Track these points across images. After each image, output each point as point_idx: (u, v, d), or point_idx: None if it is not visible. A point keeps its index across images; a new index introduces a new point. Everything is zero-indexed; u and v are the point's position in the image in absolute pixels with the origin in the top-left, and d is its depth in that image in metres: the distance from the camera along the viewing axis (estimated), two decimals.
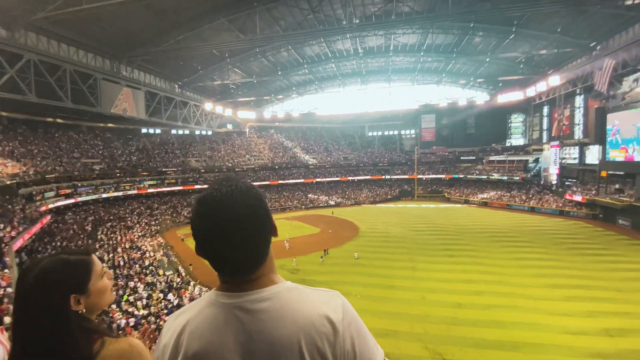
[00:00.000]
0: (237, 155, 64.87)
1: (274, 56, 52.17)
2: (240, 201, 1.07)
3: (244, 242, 1.06)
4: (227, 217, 1.04)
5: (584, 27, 39.02)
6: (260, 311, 1.04)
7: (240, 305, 1.06)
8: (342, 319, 1.05)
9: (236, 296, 1.08)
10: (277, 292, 1.08)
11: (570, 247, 29.57)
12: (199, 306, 1.12)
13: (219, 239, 1.05)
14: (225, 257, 1.07)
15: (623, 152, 36.59)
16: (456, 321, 17.08)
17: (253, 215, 1.08)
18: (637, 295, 19.14)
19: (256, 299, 1.07)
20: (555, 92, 49.16)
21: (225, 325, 1.04)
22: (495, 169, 61.22)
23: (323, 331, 1.02)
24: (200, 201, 1.09)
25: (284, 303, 1.06)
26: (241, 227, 1.05)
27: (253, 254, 1.09)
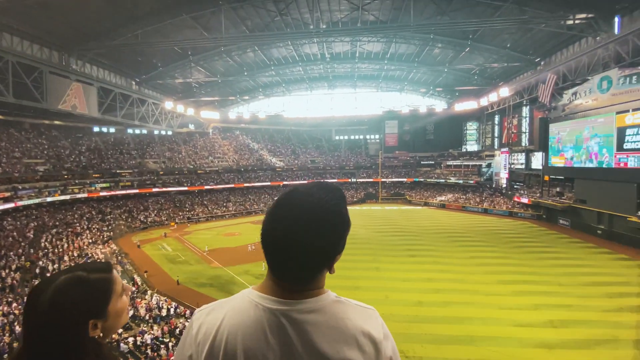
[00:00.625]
0: (199, 156, 62.51)
1: (239, 56, 51.21)
2: (326, 213, 1.05)
3: (316, 256, 1.04)
4: (308, 228, 1.02)
5: (530, 44, 42.86)
6: (307, 322, 1.02)
7: (287, 314, 1.03)
8: (383, 338, 1.07)
9: (284, 303, 1.05)
10: (324, 305, 1.07)
11: (518, 245, 32.04)
12: (237, 305, 1.07)
13: (293, 247, 1.02)
14: (292, 265, 1.04)
15: (563, 158, 40.47)
16: (417, 319, 17.76)
17: (333, 231, 1.06)
18: (577, 288, 21.18)
19: (304, 309, 1.04)
20: (505, 103, 53.30)
21: (270, 331, 1.01)
22: (452, 173, 64.82)
23: (366, 350, 1.02)
24: (283, 202, 1.08)
25: (330, 316, 1.05)
26: (320, 241, 1.03)
27: (318, 267, 1.07)
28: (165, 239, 38.86)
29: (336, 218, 1.07)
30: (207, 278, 25.35)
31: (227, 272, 26.15)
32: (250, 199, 59.94)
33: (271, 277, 1.09)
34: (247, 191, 62.15)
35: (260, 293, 1.07)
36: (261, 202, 59.38)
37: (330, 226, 1.05)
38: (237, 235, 38.90)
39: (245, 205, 57.55)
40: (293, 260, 1.03)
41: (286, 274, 1.06)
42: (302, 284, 1.07)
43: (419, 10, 36.16)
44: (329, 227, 1.05)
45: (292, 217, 1.04)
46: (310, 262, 1.04)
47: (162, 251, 33.91)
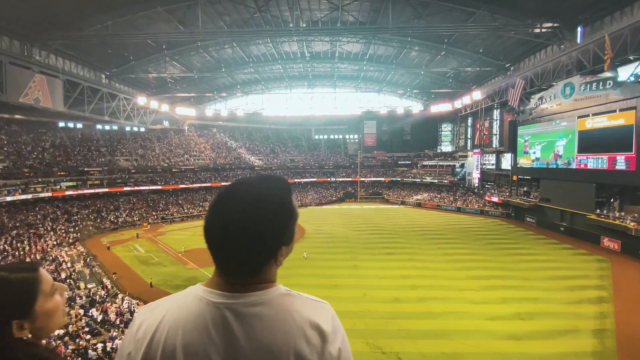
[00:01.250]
0: (174, 154, 60.60)
1: (217, 52, 50.10)
2: (266, 202, 1.04)
3: (257, 248, 1.02)
4: (246, 217, 1.00)
5: (501, 50, 44.85)
6: (252, 316, 1.00)
7: (231, 307, 1.01)
8: (332, 331, 1.04)
9: (229, 296, 1.02)
10: (271, 298, 1.04)
11: (489, 242, 33.50)
12: (180, 300, 1.05)
13: (231, 237, 1.00)
14: (233, 257, 1.02)
15: (529, 159, 42.69)
16: (394, 315, 18.17)
17: (274, 221, 1.03)
18: (541, 282, 22.44)
19: (249, 302, 1.02)
20: (478, 106, 55.46)
21: (213, 326, 0.99)
22: (427, 172, 66.70)
23: (313, 342, 1.00)
24: (224, 194, 1.06)
25: (277, 310, 1.03)
26: (258, 230, 1.01)
27: (261, 259, 1.05)
28: (138, 240, 37.41)
29: (276, 207, 1.05)
30: (182, 280, 24.67)
31: (204, 273, 25.56)
32: None
33: (217, 272, 1.07)
34: None
35: (207, 287, 1.05)
36: None
37: (270, 216, 1.03)
38: None
39: None
40: (234, 253, 1.01)
41: (229, 267, 1.04)
42: (246, 277, 1.05)
43: (397, 13, 36.88)
44: (268, 217, 1.02)
45: (231, 208, 1.02)
46: (251, 254, 1.01)
47: (134, 253, 32.62)
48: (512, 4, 34.00)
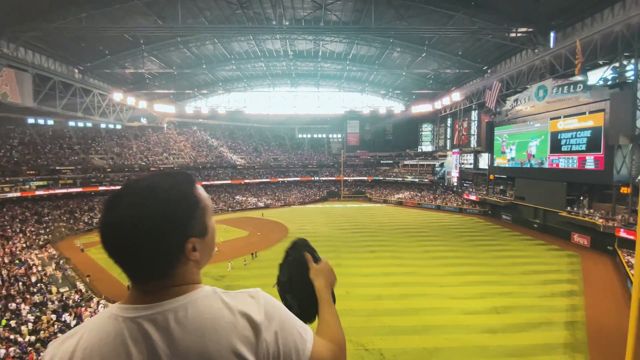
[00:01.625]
0: (152, 152, 58.87)
1: (198, 48, 49.08)
2: (158, 194, 0.94)
3: (156, 244, 0.92)
4: (137, 211, 0.91)
5: (479, 53, 46.28)
6: (175, 322, 0.92)
7: (150, 318, 0.92)
8: (263, 318, 0.97)
9: (145, 308, 0.93)
10: (193, 301, 0.96)
11: (467, 239, 34.52)
12: (94, 324, 0.95)
13: (124, 236, 0.91)
14: (131, 258, 0.93)
15: (505, 159, 44.27)
16: (376, 312, 18.42)
17: (167, 212, 0.93)
18: (516, 277, 23.35)
19: (169, 309, 0.93)
20: (457, 107, 56.99)
21: (133, 342, 0.89)
22: (408, 172, 67.93)
23: (246, 335, 0.94)
24: (114, 193, 0.96)
25: (201, 312, 0.94)
26: (151, 224, 0.91)
27: (164, 257, 0.95)
28: None
29: (171, 198, 0.95)
30: None
31: None
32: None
33: (131, 284, 0.99)
34: (206, 190, 56.88)
35: (122, 305, 0.97)
36: (220, 201, 57.55)
37: (164, 207, 0.93)
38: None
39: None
40: (132, 253, 0.92)
41: (134, 271, 0.96)
42: (156, 279, 0.96)
43: (380, 14, 37.31)
44: (161, 209, 0.93)
45: (121, 205, 0.93)
46: (149, 251, 0.92)
47: None
48: (490, 8, 35.14)
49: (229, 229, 40.29)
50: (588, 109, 30.84)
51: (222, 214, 53.24)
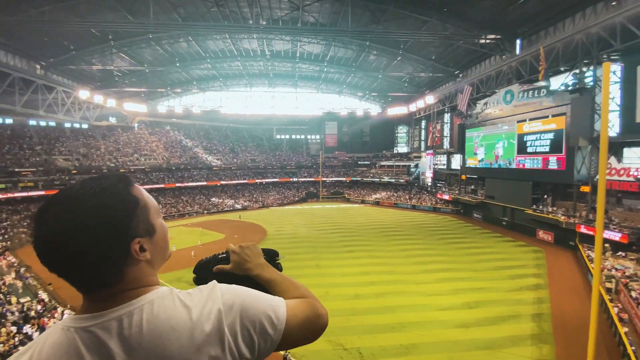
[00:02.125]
0: (122, 153, 56.32)
1: (171, 45, 47.55)
2: (86, 204, 0.88)
3: (93, 245, 0.86)
4: (67, 225, 0.85)
5: (451, 58, 47.97)
6: (129, 328, 0.87)
7: (103, 326, 0.87)
8: (222, 310, 0.92)
9: (97, 316, 0.88)
10: (148, 303, 0.91)
11: (441, 237, 35.61)
12: (47, 340, 0.88)
13: (59, 252, 0.85)
14: (73, 266, 0.87)
15: (476, 160, 46.12)
16: (354, 311, 18.57)
17: (104, 213, 0.88)
18: (487, 273, 24.33)
19: (123, 315, 0.88)
20: (430, 109, 58.76)
21: (87, 353, 0.84)
22: (385, 172, 69.23)
23: (213, 330, 0.90)
24: (45, 202, 0.90)
25: (157, 314, 0.89)
26: (86, 237, 0.85)
27: (108, 260, 0.89)
28: None
29: (106, 199, 0.90)
30: None
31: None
32: (183, 201, 56.00)
33: (83, 295, 0.94)
34: (180, 192, 57.96)
35: (74, 316, 0.92)
36: (195, 204, 55.96)
37: (99, 209, 0.88)
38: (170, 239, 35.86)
39: (178, 207, 53.60)
40: (75, 266, 0.87)
41: (83, 284, 0.91)
42: (106, 287, 0.92)
43: (356, 17, 37.80)
44: (93, 214, 0.87)
45: (50, 217, 0.87)
46: (90, 255, 0.86)
47: None
48: (461, 15, 36.52)
49: (206, 232, 39.27)
50: (551, 112, 32.76)
51: (197, 216, 51.79)
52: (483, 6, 34.09)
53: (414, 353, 14.71)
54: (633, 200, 27.02)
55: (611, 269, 21.51)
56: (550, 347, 15.00)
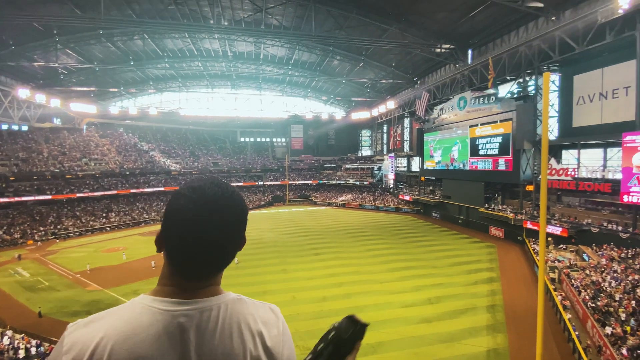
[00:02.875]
0: (68, 158, 51.73)
1: (124, 43, 44.77)
2: (234, 200, 1.06)
3: (223, 242, 1.02)
4: (224, 212, 1.02)
5: (410, 65, 50.23)
6: (207, 321, 0.97)
7: (187, 314, 0.96)
8: (282, 333, 1.08)
9: (183, 303, 0.98)
10: (224, 302, 1.03)
11: (403, 237, 36.96)
12: (124, 312, 0.95)
13: (202, 233, 0.98)
14: (197, 253, 0.99)
15: (433, 162, 48.59)
16: (322, 314, 18.62)
17: (241, 217, 1.06)
18: (446, 269, 25.63)
19: (205, 308, 0.99)
20: (392, 114, 61.01)
21: (167, 335, 0.92)
22: (350, 175, 70.58)
23: (266, 344, 1.02)
24: (194, 189, 1.02)
25: (230, 315, 1.01)
26: (231, 226, 1.03)
27: (225, 256, 1.04)
28: (21, 262, 30.79)
29: (244, 206, 1.10)
30: (81, 305, 21.14)
31: (110, 295, 22.37)
32: (138, 208, 52.68)
33: (169, 279, 1.02)
34: (135, 198, 54.47)
35: (155, 297, 0.99)
36: (153, 211, 52.90)
37: (243, 214, 1.08)
38: (122, 250, 33.57)
39: (133, 214, 50.29)
40: (211, 249, 1.00)
41: (197, 266, 1.01)
42: (209, 278, 1.04)
43: (320, 22, 38.28)
44: (242, 215, 1.07)
45: (209, 203, 1.00)
46: (226, 250, 1.04)
47: (16, 278, 26.76)
48: (418, 25, 38.44)
49: None
50: (499, 118, 35.47)
51: (155, 224, 48.96)
52: (438, 17, 36.18)
53: (380, 351, 15.06)
54: (571, 198, 30.04)
55: (554, 260, 23.72)
56: (503, 336, 16.14)
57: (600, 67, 27.43)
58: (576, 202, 29.56)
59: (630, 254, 21.63)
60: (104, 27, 37.37)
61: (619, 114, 25.89)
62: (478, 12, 33.02)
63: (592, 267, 21.23)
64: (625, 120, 24.61)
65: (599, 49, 25.64)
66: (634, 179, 22.57)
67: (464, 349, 15.05)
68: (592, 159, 28.92)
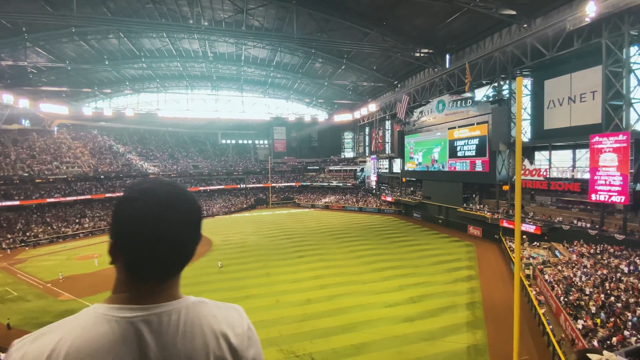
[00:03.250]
0: (38, 161, 49.23)
1: (98, 41, 43.20)
2: (187, 197, 1.03)
3: (182, 239, 1.00)
4: (179, 209, 0.99)
5: (391, 69, 51.12)
6: (167, 325, 0.94)
7: (146, 319, 0.93)
8: (247, 335, 1.07)
9: (141, 309, 0.94)
10: (185, 306, 1.00)
11: (385, 237, 37.44)
12: (77, 322, 0.90)
13: (160, 232, 0.95)
14: (157, 252, 0.96)
15: (414, 164, 49.58)
16: (306, 317, 18.56)
17: (196, 214, 1.04)
18: (427, 268, 26.14)
19: (165, 312, 0.96)
20: (373, 117, 61.83)
21: (125, 342, 0.88)
22: (334, 177, 70.90)
23: (231, 346, 1.01)
24: (144, 190, 0.99)
25: (192, 317, 0.99)
26: (187, 223, 1.01)
27: (184, 254, 1.02)
28: None
29: (198, 205, 1.08)
30: (53, 316, 20.09)
31: (84, 304, 21.36)
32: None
33: (124, 286, 0.98)
34: (111, 203, 52.34)
35: (111, 305, 0.94)
36: None
37: (198, 211, 1.06)
38: (97, 257, 32.22)
39: (108, 219, 48.28)
40: (169, 248, 0.98)
41: (155, 267, 0.98)
42: (167, 281, 1.01)
43: (302, 24, 38.32)
44: (197, 213, 1.05)
45: (162, 201, 0.98)
46: (185, 249, 1.02)
47: None
48: (398, 30, 39.22)
49: None
50: (476, 120, 36.64)
51: None
52: (417, 23, 37.04)
53: (364, 352, 15.15)
54: (543, 197, 31.38)
55: (529, 257, 24.68)
56: (482, 332, 16.61)
57: (569, 73, 28.90)
58: (548, 201, 30.91)
59: (598, 249, 22.82)
60: (76, 25, 35.91)
61: (586, 117, 27.32)
62: (455, 18, 34.06)
63: (563, 263, 22.24)
64: (592, 123, 25.99)
65: (567, 55, 26.98)
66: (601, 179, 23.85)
67: (445, 346, 15.37)
68: (563, 160, 30.36)
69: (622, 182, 22.40)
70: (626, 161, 22.18)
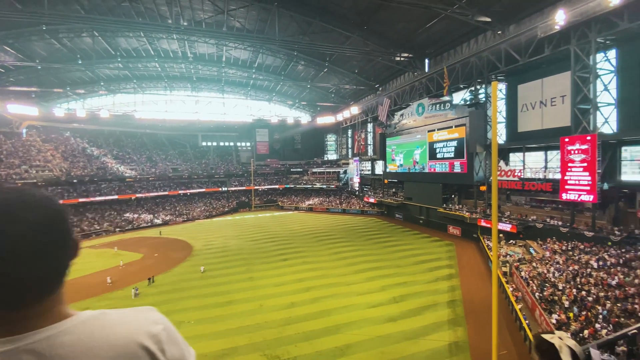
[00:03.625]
0: (5, 165, 46.62)
1: (71, 40, 41.53)
2: (32, 204, 0.84)
3: (32, 255, 0.80)
4: (16, 220, 0.80)
5: (372, 72, 51.84)
6: (61, 348, 0.79)
7: (30, 348, 0.78)
8: (160, 340, 0.92)
9: (21, 338, 0.78)
10: (80, 323, 0.85)
11: (368, 238, 37.78)
12: None
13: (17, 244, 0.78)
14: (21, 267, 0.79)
15: (396, 165, 50.39)
16: (290, 320, 18.40)
17: (48, 225, 0.85)
18: (409, 268, 26.56)
19: (52, 336, 0.81)
20: (356, 119, 62.45)
21: None
22: (317, 179, 70.97)
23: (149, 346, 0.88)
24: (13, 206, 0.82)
25: (91, 333, 0.84)
26: (32, 235, 0.81)
27: (43, 272, 0.82)
28: None
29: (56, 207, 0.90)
30: None
31: None
32: (88, 218, 48.76)
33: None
34: (85, 208, 50.35)
35: None
36: (105, 221, 49.24)
37: (55, 225, 0.87)
38: None
39: (82, 225, 46.41)
40: (16, 273, 0.79)
41: (22, 289, 0.81)
42: (43, 302, 0.84)
43: (283, 26, 38.28)
44: (51, 227, 0.86)
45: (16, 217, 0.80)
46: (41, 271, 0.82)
47: None
48: (379, 34, 39.85)
49: (120, 253, 34.82)
50: (454, 123, 37.68)
51: (107, 235, 45.60)
52: (397, 27, 37.79)
53: (348, 353, 15.18)
54: (518, 196, 32.60)
55: (505, 255, 25.53)
56: (463, 329, 17.01)
57: (541, 78, 30.25)
58: (523, 200, 32.15)
59: (569, 246, 23.91)
60: (47, 22, 34.37)
61: (557, 120, 28.65)
62: (434, 24, 34.99)
63: (538, 260, 23.16)
64: (562, 126, 27.26)
65: (539, 61, 28.26)
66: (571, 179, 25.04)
67: (427, 345, 15.63)
68: (536, 161, 31.68)
69: (591, 182, 23.59)
70: (594, 162, 23.38)
